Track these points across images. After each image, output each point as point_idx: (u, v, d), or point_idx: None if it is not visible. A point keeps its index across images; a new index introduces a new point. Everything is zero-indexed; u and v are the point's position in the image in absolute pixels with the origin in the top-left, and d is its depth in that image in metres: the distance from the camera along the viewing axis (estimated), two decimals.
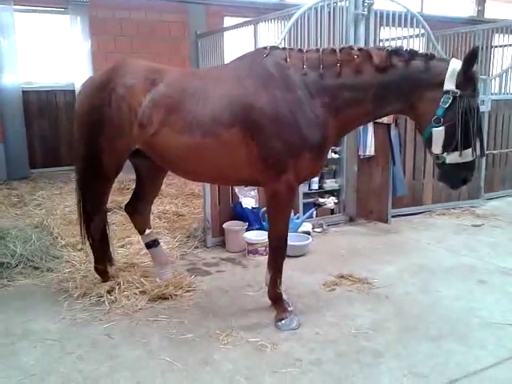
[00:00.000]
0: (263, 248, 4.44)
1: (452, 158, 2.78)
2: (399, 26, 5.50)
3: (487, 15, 12.75)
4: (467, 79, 2.72)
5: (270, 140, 2.86)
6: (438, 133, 2.76)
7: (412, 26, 5.59)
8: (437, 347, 2.91)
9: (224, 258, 4.46)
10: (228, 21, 9.45)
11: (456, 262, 4.34)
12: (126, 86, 3.12)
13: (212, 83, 3.03)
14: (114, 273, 3.79)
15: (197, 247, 4.69)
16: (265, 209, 4.85)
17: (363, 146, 5.25)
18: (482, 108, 6.00)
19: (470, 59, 2.70)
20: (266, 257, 4.30)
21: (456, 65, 2.75)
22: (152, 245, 3.80)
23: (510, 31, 7.89)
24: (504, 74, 7.21)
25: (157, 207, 5.57)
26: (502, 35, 8.14)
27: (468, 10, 12.88)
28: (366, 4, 5.19)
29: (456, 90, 2.71)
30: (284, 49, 3.06)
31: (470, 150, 2.76)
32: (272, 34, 6.85)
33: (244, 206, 4.87)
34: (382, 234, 5.17)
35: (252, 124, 2.87)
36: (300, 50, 3.02)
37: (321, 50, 2.98)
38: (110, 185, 3.54)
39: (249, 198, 4.97)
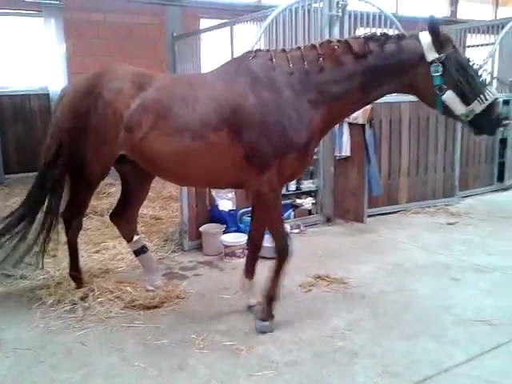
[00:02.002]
0: (240, 250, 4.44)
1: (478, 106, 2.85)
2: (373, 26, 5.56)
3: (460, 16, 12.97)
4: (443, 41, 2.86)
5: (256, 141, 2.89)
6: (450, 97, 2.85)
7: (386, 27, 5.65)
8: (411, 345, 2.95)
9: (201, 262, 4.44)
10: (204, 23, 9.42)
11: (430, 260, 4.40)
12: (113, 91, 3.08)
13: (200, 87, 3.04)
14: (89, 279, 3.74)
15: (174, 251, 4.67)
16: (242, 211, 4.88)
17: (339, 146, 5.29)
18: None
19: (434, 25, 2.84)
20: (244, 259, 4.35)
21: (427, 36, 2.88)
22: (141, 251, 3.73)
23: (482, 31, 8.03)
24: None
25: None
26: (474, 35, 8.28)
27: (442, 11, 13.08)
28: (340, 5, 5.24)
29: (440, 55, 2.83)
30: (268, 50, 3.09)
31: (485, 93, 2.86)
32: (248, 35, 6.85)
33: (221, 208, 4.86)
34: (358, 233, 5.21)
35: (239, 126, 2.90)
36: (283, 50, 3.06)
37: (302, 47, 3.03)
38: (93, 191, 3.49)
39: (226, 201, 4.96)
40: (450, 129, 6.30)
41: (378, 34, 3.00)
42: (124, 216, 3.67)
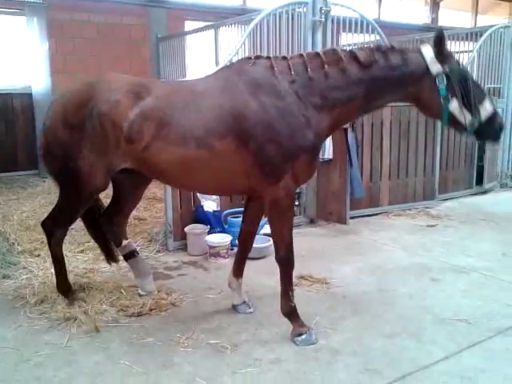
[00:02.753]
0: (225, 251, 4.48)
1: (483, 113, 2.99)
2: (355, 32, 5.66)
3: (441, 23, 13.23)
4: (445, 54, 2.95)
5: (264, 147, 2.86)
6: (456, 106, 2.96)
7: (368, 33, 5.76)
8: (391, 344, 3.02)
9: (186, 262, 4.46)
10: (189, 25, 9.45)
11: (411, 261, 4.50)
12: (110, 102, 2.97)
13: (201, 95, 2.99)
14: (74, 279, 3.74)
15: (159, 251, 4.68)
16: (227, 212, 4.92)
17: (322, 149, 5.36)
18: None
19: (440, 39, 2.93)
20: (228, 259, 4.41)
21: (429, 50, 2.98)
22: (131, 256, 3.64)
23: (462, 39, 8.22)
24: None
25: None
26: (454, 42, 8.46)
27: (423, 18, 13.33)
28: (323, 11, 5.32)
29: (444, 68, 2.93)
30: (268, 58, 3.06)
31: (486, 101, 3.02)
32: (232, 38, 6.91)
33: (206, 209, 4.89)
34: (340, 234, 5.30)
35: (244, 133, 2.86)
36: (284, 58, 3.04)
37: (304, 55, 3.04)
38: (85, 207, 3.35)
39: (210, 202, 5.00)
40: (430, 133, 6.45)
41: (384, 46, 3.05)
42: (113, 222, 3.58)
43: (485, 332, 3.14)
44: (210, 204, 4.97)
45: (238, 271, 3.48)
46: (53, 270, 3.63)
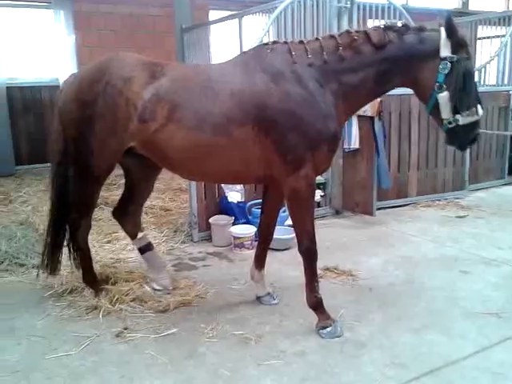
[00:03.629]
0: (249, 242, 4.47)
1: (464, 118, 2.85)
2: (382, 18, 5.52)
3: (472, 7, 12.83)
4: (458, 44, 2.82)
5: (286, 135, 2.81)
6: (444, 98, 2.84)
7: (395, 18, 5.61)
8: (419, 338, 2.96)
9: (210, 253, 4.47)
10: (213, 14, 9.41)
11: (440, 253, 4.40)
12: (124, 79, 2.92)
13: (219, 80, 2.93)
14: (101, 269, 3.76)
15: (183, 242, 4.71)
16: (251, 203, 4.89)
17: (348, 139, 5.27)
18: None
19: (448, 24, 2.80)
20: (253, 251, 4.38)
21: (444, 30, 2.85)
22: (146, 249, 3.58)
23: (494, 23, 7.94)
24: (487, 66, 7.26)
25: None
26: (485, 27, 8.19)
27: (453, 2, 12.95)
28: None
29: (452, 56, 2.81)
30: (286, 43, 3.01)
31: (475, 108, 2.86)
32: (257, 27, 6.83)
33: (230, 200, 4.88)
34: (367, 226, 5.21)
35: (266, 122, 2.81)
36: (301, 42, 2.99)
37: (320, 38, 2.98)
38: (100, 187, 3.33)
39: (234, 193, 4.98)
40: None
41: (399, 25, 2.95)
42: (128, 212, 3.54)
43: None
44: (234, 195, 4.95)
45: (259, 263, 3.45)
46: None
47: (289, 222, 4.89)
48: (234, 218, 4.74)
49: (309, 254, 3.03)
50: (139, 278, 3.70)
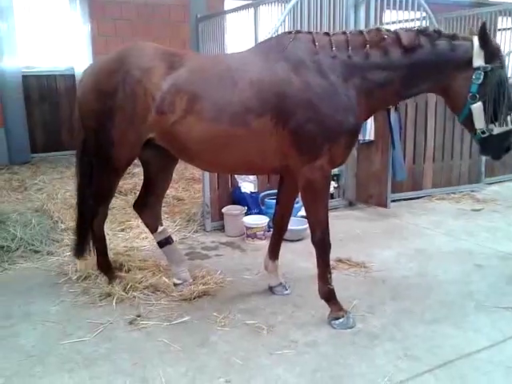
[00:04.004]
0: (262, 232, 4.47)
1: (498, 128, 2.83)
2: (400, 9, 5.44)
3: None
4: (491, 52, 2.79)
5: (304, 126, 2.76)
6: (478, 108, 2.81)
7: (414, 9, 5.53)
8: (432, 330, 2.94)
9: (223, 242, 4.48)
10: (229, 4, 9.35)
11: (454, 246, 4.36)
12: (143, 69, 2.89)
13: (239, 69, 2.88)
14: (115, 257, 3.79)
15: (196, 231, 4.72)
16: (264, 193, 4.89)
17: (363, 130, 5.21)
18: None
19: (482, 33, 2.76)
20: (265, 241, 4.39)
21: (477, 40, 2.82)
22: (166, 243, 3.53)
23: None
24: (507, 57, 7.13)
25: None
26: (505, 18, 8.04)
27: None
28: None
29: (486, 65, 2.77)
30: (309, 33, 2.96)
31: (509, 117, 2.83)
32: (272, 16, 6.78)
33: (243, 190, 4.88)
34: (381, 218, 5.18)
35: (284, 112, 2.77)
36: (326, 34, 2.94)
37: (347, 32, 2.94)
38: (119, 178, 3.33)
39: (247, 183, 4.98)
40: None
41: (431, 30, 2.90)
42: (148, 205, 3.51)
43: None
44: (247, 185, 4.95)
45: (273, 253, 3.45)
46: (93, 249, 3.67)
47: (302, 212, 4.88)
48: (246, 208, 4.74)
49: (322, 245, 3.02)
50: (152, 266, 3.73)
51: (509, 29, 8.14)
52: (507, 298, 3.33)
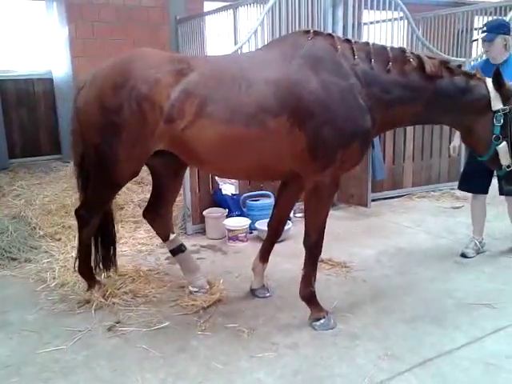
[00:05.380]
0: (243, 234, 4.46)
1: None
2: (378, 9, 5.48)
3: None
4: (508, 93, 2.98)
5: (321, 129, 2.70)
6: (503, 148, 3.03)
7: (391, 9, 5.57)
8: (412, 328, 2.96)
9: (204, 245, 4.45)
10: (208, 5, 9.32)
11: (434, 244, 4.40)
12: (150, 82, 2.73)
13: (252, 68, 2.80)
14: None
15: (177, 235, 4.66)
16: (245, 195, 4.87)
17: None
18: None
19: (497, 77, 2.94)
20: (247, 243, 4.38)
21: (491, 84, 2.99)
22: (178, 250, 3.45)
23: (490, 13, 7.89)
24: (483, 56, 7.21)
25: (137, 195, 5.54)
26: (481, 17, 8.14)
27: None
28: None
29: (505, 107, 2.97)
30: (330, 35, 2.92)
31: None
32: (251, 17, 6.77)
33: (224, 192, 4.86)
34: (362, 217, 5.20)
35: (301, 112, 2.69)
36: (347, 40, 2.90)
37: (370, 44, 2.91)
38: (119, 190, 3.21)
39: (228, 185, 4.96)
40: None
41: (453, 65, 2.97)
42: (158, 213, 3.38)
43: (510, 317, 3.04)
44: (228, 187, 4.93)
45: (264, 256, 3.42)
46: (73, 254, 3.62)
47: None
48: (228, 210, 4.71)
49: (315, 248, 3.04)
50: (132, 271, 3.70)
51: None
52: (487, 294, 3.37)
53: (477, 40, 4.00)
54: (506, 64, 3.78)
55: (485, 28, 3.81)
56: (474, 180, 4.00)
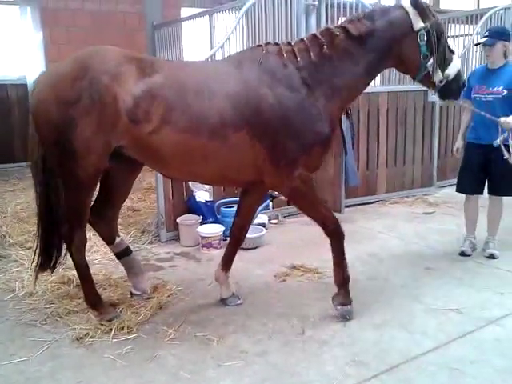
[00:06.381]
0: (217, 241, 4.45)
1: (452, 70, 3.06)
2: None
3: (442, 6, 13.00)
4: (426, 10, 2.96)
5: (280, 141, 2.80)
6: (432, 65, 3.01)
7: None
8: (380, 334, 2.98)
9: (178, 253, 4.44)
10: (185, 11, 9.34)
11: (405, 249, 4.46)
12: (111, 74, 2.71)
13: (215, 81, 2.84)
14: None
15: (151, 242, 4.66)
16: (219, 202, 4.86)
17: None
18: (433, 98, 6.13)
19: None
20: (221, 250, 4.37)
21: (409, 5, 2.96)
22: (124, 254, 3.39)
23: (461, 21, 8.05)
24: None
25: None
26: (455, 25, 8.30)
27: (424, 0, 13.08)
28: None
29: (425, 24, 2.93)
30: (277, 44, 2.99)
31: (454, 57, 3.09)
32: (227, 24, 6.80)
33: (198, 199, 4.85)
34: None
35: (260, 126, 2.79)
36: (289, 43, 2.98)
37: (305, 39, 2.99)
38: (90, 194, 3.04)
39: (203, 192, 4.95)
40: (427, 119, 6.37)
41: (368, 12, 2.99)
42: (104, 216, 3.29)
43: (475, 322, 3.09)
44: (202, 194, 4.92)
45: (226, 265, 3.42)
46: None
47: (258, 220, 4.89)
48: (202, 217, 4.70)
49: (336, 234, 3.13)
50: (103, 280, 3.66)
51: (459, 36, 8.41)
52: (455, 299, 3.42)
53: (479, 44, 4.09)
54: (503, 70, 3.99)
55: (487, 33, 4.01)
56: (468, 182, 4.17)
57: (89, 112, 2.72)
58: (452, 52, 3.09)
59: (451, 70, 3.05)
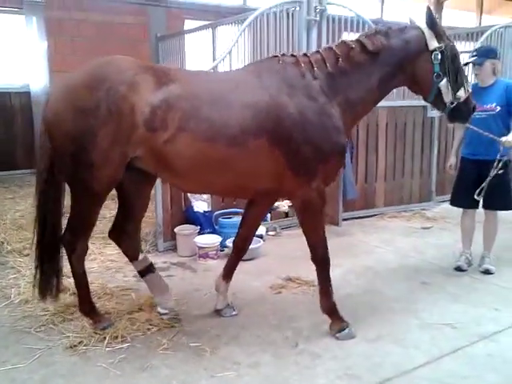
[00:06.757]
0: (214, 252, 4.46)
1: (462, 94, 3.14)
2: (352, 31, 5.61)
3: (445, 23, 13.10)
4: (441, 32, 3.06)
5: (299, 149, 2.83)
6: (444, 85, 3.08)
7: (364, 30, 5.71)
8: (374, 348, 2.98)
9: (174, 263, 4.45)
10: (189, 24, 9.44)
11: (402, 263, 4.46)
12: (128, 84, 2.71)
13: (233, 90, 2.86)
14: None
15: (148, 252, 4.65)
16: (218, 212, 4.89)
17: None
18: (433, 113, 6.18)
19: (430, 15, 3.04)
20: (217, 261, 4.39)
21: (425, 26, 3.07)
22: (148, 271, 3.32)
23: (462, 38, 8.12)
24: None
25: (110, 211, 5.49)
26: (457, 42, 8.37)
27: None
28: (317, 10, 5.28)
29: (440, 45, 3.04)
30: (293, 56, 3.04)
31: (467, 82, 3.21)
32: (230, 37, 6.88)
33: (196, 209, 4.87)
34: (333, 236, 5.20)
35: (280, 135, 2.81)
36: (305, 55, 3.05)
37: (320, 50, 3.07)
38: (101, 205, 2.99)
39: (201, 202, 4.97)
40: (426, 134, 6.40)
41: (384, 29, 3.07)
42: (126, 231, 3.25)
43: (469, 337, 3.09)
44: (200, 204, 4.94)
45: (228, 275, 3.42)
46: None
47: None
48: (199, 227, 4.72)
49: (323, 262, 3.13)
50: (98, 289, 3.68)
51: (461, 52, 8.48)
52: (449, 314, 3.42)
53: (468, 64, 4.14)
54: (493, 87, 4.07)
55: (475, 53, 4.13)
56: (464, 196, 4.18)
57: (106, 122, 2.70)
58: (466, 78, 3.17)
59: (463, 93, 3.11)
